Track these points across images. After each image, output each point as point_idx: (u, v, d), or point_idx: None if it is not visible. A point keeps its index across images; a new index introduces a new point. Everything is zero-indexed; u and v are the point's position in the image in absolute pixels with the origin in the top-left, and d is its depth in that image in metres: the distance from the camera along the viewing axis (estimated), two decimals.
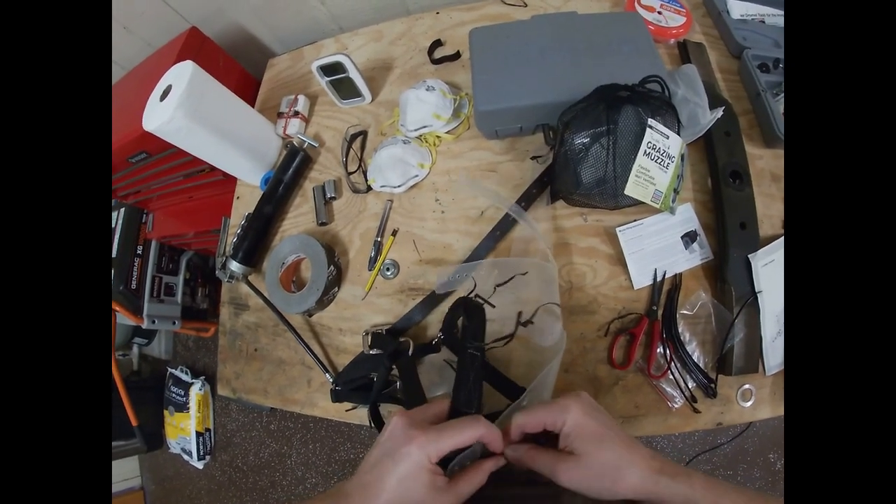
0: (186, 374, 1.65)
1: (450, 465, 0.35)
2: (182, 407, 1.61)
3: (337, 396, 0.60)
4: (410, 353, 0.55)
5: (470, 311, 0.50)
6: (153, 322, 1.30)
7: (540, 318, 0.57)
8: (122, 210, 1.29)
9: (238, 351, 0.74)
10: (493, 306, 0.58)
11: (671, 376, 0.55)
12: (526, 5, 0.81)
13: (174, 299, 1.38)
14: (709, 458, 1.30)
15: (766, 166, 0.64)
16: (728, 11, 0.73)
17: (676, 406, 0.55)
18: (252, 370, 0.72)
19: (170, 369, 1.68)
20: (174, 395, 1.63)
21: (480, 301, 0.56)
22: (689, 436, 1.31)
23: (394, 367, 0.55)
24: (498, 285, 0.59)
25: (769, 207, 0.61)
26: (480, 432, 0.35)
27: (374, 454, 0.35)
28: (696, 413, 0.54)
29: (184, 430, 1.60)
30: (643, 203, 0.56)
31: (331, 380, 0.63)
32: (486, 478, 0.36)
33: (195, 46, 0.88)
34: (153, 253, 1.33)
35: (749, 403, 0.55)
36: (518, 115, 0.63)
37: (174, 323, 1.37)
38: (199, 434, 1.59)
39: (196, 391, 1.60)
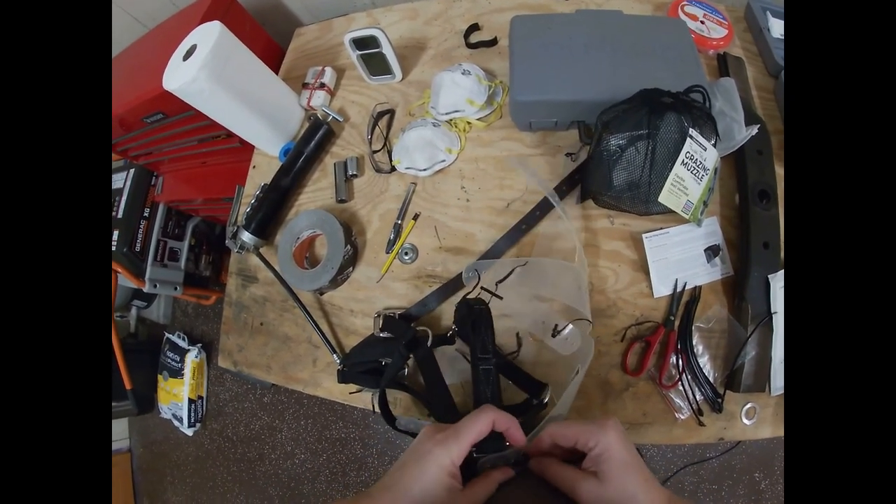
0: (183, 340, 1.65)
1: (479, 462, 0.37)
2: (176, 373, 1.60)
3: (343, 377, 0.60)
4: (430, 344, 0.54)
5: (475, 318, 0.47)
6: (154, 286, 1.29)
7: (567, 330, 0.57)
8: (132, 171, 1.28)
9: (243, 323, 0.73)
10: (501, 298, 0.55)
11: (681, 387, 0.55)
12: None
13: (177, 265, 1.37)
14: (696, 471, 1.31)
15: None
16: (769, 29, 0.72)
17: (683, 417, 0.55)
18: (256, 344, 0.71)
19: (167, 334, 1.67)
20: (169, 360, 1.63)
21: (484, 302, 0.53)
22: (678, 447, 1.32)
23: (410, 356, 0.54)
24: (499, 281, 0.56)
25: None
26: (492, 417, 0.36)
27: (401, 459, 0.36)
28: (701, 426, 0.55)
29: (176, 395, 1.60)
30: (673, 212, 0.55)
31: (338, 360, 0.62)
32: (496, 486, 0.37)
33: (222, 8, 0.86)
34: (160, 217, 1.31)
35: (752, 422, 0.55)
36: (555, 109, 0.62)
37: (176, 288, 1.36)
38: (191, 401, 1.59)
39: (192, 358, 1.60)
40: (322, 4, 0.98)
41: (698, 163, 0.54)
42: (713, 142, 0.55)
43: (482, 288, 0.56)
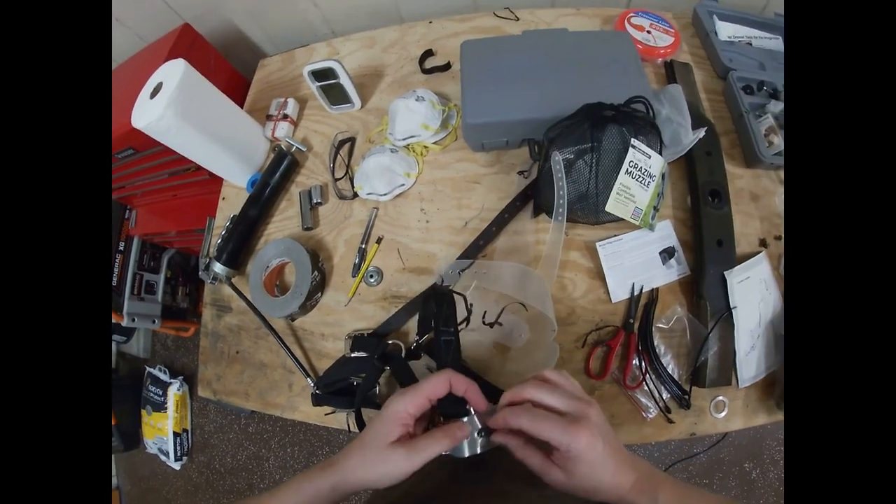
0: (165, 373, 1.62)
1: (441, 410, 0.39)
2: (160, 406, 1.58)
3: (317, 400, 0.61)
4: (403, 354, 0.55)
5: (438, 299, 0.52)
6: (133, 320, 1.28)
7: (508, 320, 0.59)
8: None
9: (219, 353, 0.73)
10: (462, 295, 0.58)
11: (646, 387, 0.57)
12: (518, 19, 0.82)
13: (155, 297, 1.36)
14: (684, 468, 1.32)
15: (745, 186, 0.66)
16: (716, 33, 0.75)
17: (651, 416, 0.57)
18: (233, 373, 0.71)
19: (148, 368, 1.65)
20: (152, 394, 1.60)
21: (447, 288, 0.58)
22: (664, 445, 1.34)
23: (385, 368, 0.55)
24: (461, 270, 0.61)
25: (747, 226, 0.63)
26: (448, 377, 0.38)
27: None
28: (671, 423, 0.56)
29: (161, 430, 1.57)
30: (623, 219, 0.58)
31: (312, 384, 0.63)
32: (453, 443, 0.37)
33: (187, 43, 0.88)
34: (135, 250, 1.31)
35: (722, 415, 0.57)
36: (505, 129, 0.64)
37: (154, 321, 1.34)
38: (176, 434, 1.57)
39: (174, 391, 1.58)
40: (284, 35, 1.00)
41: (643, 170, 0.57)
42: (658, 149, 0.57)
43: (445, 285, 0.59)
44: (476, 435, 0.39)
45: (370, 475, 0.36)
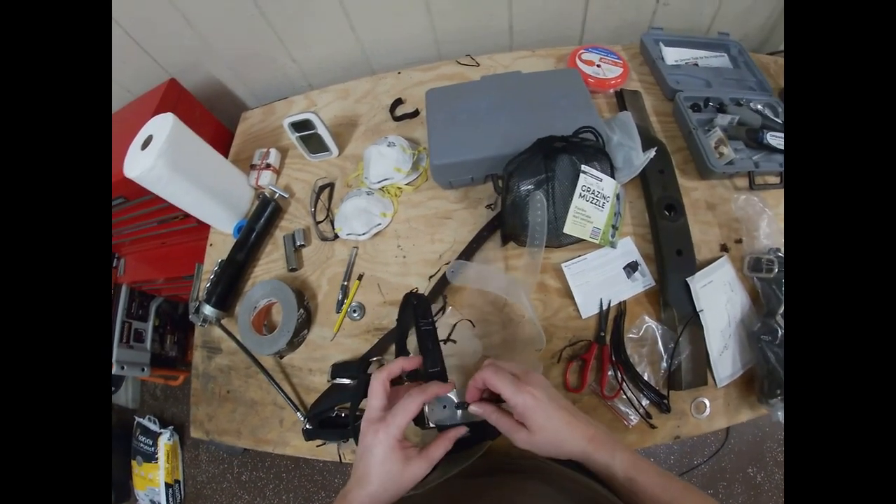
0: (154, 423, 1.59)
1: (431, 423, 0.45)
2: (150, 457, 1.54)
3: (308, 435, 0.62)
4: None
5: (417, 300, 0.57)
6: (122, 368, 1.27)
7: (462, 336, 0.63)
8: None
9: (211, 393, 0.74)
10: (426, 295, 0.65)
11: (624, 396, 0.59)
12: (478, 65, 0.90)
13: (143, 345, 1.35)
14: (687, 479, 1.30)
15: (701, 196, 0.70)
16: (663, 59, 0.81)
17: (632, 423, 0.58)
18: (225, 412, 0.72)
19: (137, 418, 1.61)
20: (142, 444, 1.56)
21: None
22: (664, 459, 1.32)
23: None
24: (431, 276, 0.69)
25: (706, 233, 0.67)
26: (420, 400, 0.42)
27: (358, 453, 0.42)
28: (653, 428, 0.58)
29: (152, 481, 1.53)
30: (584, 240, 0.62)
31: (302, 418, 0.65)
32: (452, 443, 0.43)
33: (173, 98, 0.92)
34: (123, 298, 1.31)
35: (704, 415, 0.58)
36: (469, 168, 0.70)
37: (143, 370, 1.33)
38: (168, 486, 1.52)
39: (165, 441, 1.54)
40: (265, 89, 1.06)
41: (596, 193, 0.62)
42: (610, 172, 0.62)
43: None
44: (456, 408, 0.46)
45: (400, 487, 0.40)
